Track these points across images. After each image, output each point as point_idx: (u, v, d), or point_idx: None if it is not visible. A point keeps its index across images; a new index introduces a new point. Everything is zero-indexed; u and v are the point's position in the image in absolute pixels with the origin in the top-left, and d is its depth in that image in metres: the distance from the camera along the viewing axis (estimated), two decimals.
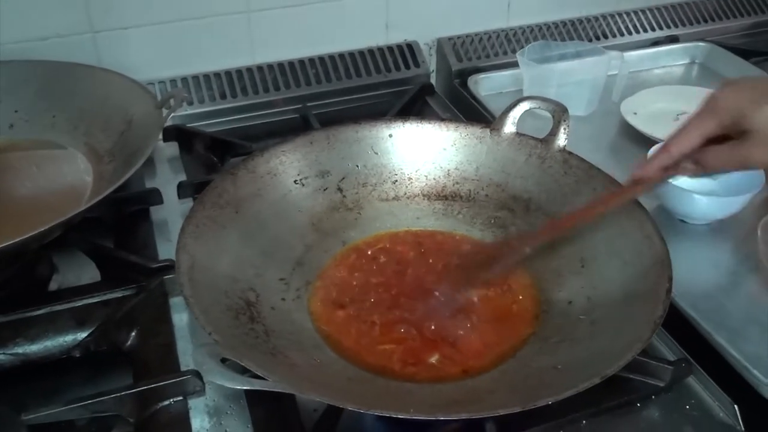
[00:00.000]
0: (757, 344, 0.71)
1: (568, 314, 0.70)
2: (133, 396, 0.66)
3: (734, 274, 0.82)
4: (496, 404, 0.54)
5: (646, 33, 1.32)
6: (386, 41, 1.20)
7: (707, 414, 0.68)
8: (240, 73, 1.12)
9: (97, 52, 1.04)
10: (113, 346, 0.73)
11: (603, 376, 0.55)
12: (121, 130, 0.91)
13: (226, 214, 0.73)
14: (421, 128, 0.86)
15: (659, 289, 0.64)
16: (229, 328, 0.62)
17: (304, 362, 0.64)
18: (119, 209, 0.91)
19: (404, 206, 0.85)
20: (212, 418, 0.67)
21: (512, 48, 1.23)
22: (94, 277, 0.84)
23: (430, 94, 1.18)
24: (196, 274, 0.64)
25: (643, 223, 0.70)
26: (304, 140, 0.83)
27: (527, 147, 0.82)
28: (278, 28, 1.13)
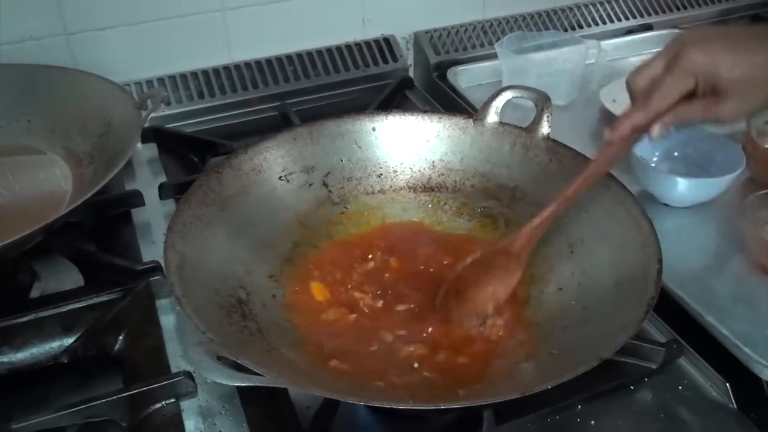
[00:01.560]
0: (745, 322, 0.72)
1: (559, 300, 0.70)
2: (125, 400, 0.65)
3: (720, 255, 0.83)
4: (495, 392, 0.54)
5: (620, 22, 1.33)
6: (363, 36, 1.20)
7: (700, 394, 0.69)
8: (217, 72, 1.11)
9: (72, 55, 1.02)
10: (101, 351, 0.73)
11: (601, 359, 0.55)
12: (99, 132, 0.90)
13: (212, 213, 0.72)
14: (405, 121, 0.85)
15: (649, 270, 0.64)
16: (222, 326, 0.61)
17: (299, 358, 0.63)
18: (100, 213, 0.90)
19: (390, 199, 0.84)
20: (206, 419, 0.66)
21: (489, 40, 1.24)
22: (76, 282, 0.82)
23: (410, 87, 1.18)
24: (185, 273, 0.63)
25: (630, 206, 0.71)
26: (288, 136, 0.82)
27: (511, 136, 0.83)
28: (254, 25, 1.12)
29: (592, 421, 0.66)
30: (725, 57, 0.60)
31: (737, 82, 0.59)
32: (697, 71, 0.60)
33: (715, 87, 0.60)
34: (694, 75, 0.61)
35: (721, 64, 0.59)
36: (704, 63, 0.60)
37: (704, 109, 0.62)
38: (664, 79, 0.62)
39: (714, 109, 0.61)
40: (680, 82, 0.62)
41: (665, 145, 0.93)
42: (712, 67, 0.60)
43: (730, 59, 0.59)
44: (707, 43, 0.61)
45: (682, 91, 0.62)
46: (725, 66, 0.59)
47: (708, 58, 0.60)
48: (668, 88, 0.62)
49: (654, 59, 0.64)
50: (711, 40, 0.61)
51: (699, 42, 0.61)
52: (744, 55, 0.60)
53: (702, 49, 0.60)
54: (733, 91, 0.60)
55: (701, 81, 0.61)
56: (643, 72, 0.65)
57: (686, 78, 0.61)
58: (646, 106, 0.64)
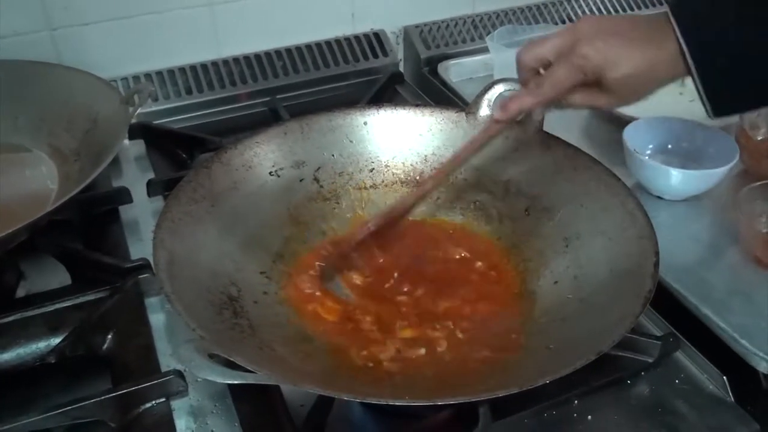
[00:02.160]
0: (742, 314, 0.71)
1: (555, 294, 0.70)
2: (115, 400, 0.64)
3: (715, 247, 0.83)
4: (493, 387, 0.53)
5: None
6: (353, 31, 1.19)
7: (697, 387, 0.68)
8: (205, 68, 1.10)
9: (57, 50, 1.01)
10: (89, 351, 0.71)
11: (598, 353, 0.54)
12: (85, 128, 0.89)
13: (202, 209, 0.71)
14: (396, 114, 0.84)
15: (646, 263, 0.64)
16: (213, 323, 0.60)
17: (292, 355, 0.62)
18: (87, 210, 0.88)
19: (382, 194, 0.83)
20: (197, 418, 0.65)
21: (479, 34, 1.23)
22: (63, 281, 0.81)
23: (400, 82, 1.17)
24: (175, 270, 0.62)
25: (626, 199, 0.70)
26: (278, 131, 0.81)
27: (504, 129, 0.81)
28: (243, 20, 1.11)
29: (588, 416, 0.65)
30: (613, 56, 0.63)
31: (620, 81, 0.63)
32: (587, 67, 0.64)
33: (600, 80, 0.64)
34: (583, 70, 0.64)
35: (608, 63, 0.63)
36: (594, 59, 0.63)
37: (587, 98, 0.67)
38: (555, 70, 0.66)
39: (594, 99, 0.67)
40: (572, 75, 0.65)
41: (659, 138, 0.92)
42: (600, 65, 0.63)
43: (617, 58, 0.63)
44: (599, 40, 0.63)
45: (572, 83, 0.66)
46: (611, 65, 0.63)
47: (598, 56, 0.63)
48: (560, 78, 0.66)
49: (546, 41, 0.67)
50: (603, 36, 0.64)
51: (592, 38, 0.64)
52: (630, 55, 0.62)
53: (594, 46, 0.63)
54: (615, 88, 0.64)
55: (589, 75, 0.64)
56: (535, 50, 0.68)
57: (577, 71, 0.65)
58: (536, 92, 0.68)
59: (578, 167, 0.76)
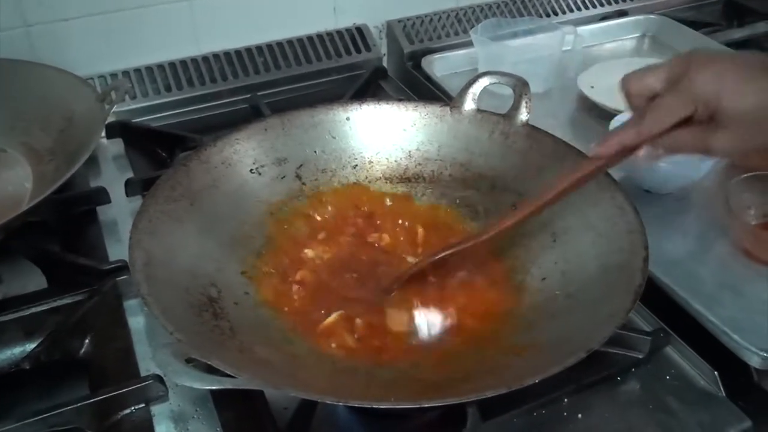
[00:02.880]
0: (732, 308, 0.71)
1: (543, 290, 0.68)
2: (93, 406, 0.62)
3: (703, 241, 0.82)
4: (481, 387, 0.52)
5: (595, 8, 1.31)
6: (335, 26, 1.17)
7: (688, 383, 0.68)
8: (185, 64, 1.08)
9: (31, 47, 0.98)
10: (67, 355, 0.69)
11: (589, 350, 0.53)
12: (61, 127, 0.87)
13: (180, 208, 0.69)
14: (379, 109, 0.83)
15: (635, 258, 0.62)
16: (192, 326, 0.58)
17: (274, 357, 0.61)
18: (64, 211, 0.86)
19: (366, 191, 0.82)
20: (178, 424, 0.64)
21: (463, 28, 1.22)
22: (40, 284, 0.79)
23: (384, 77, 1.16)
24: (152, 272, 0.60)
25: (614, 193, 0.69)
26: (258, 127, 0.79)
27: (489, 123, 0.80)
28: (222, 15, 1.09)
29: (579, 414, 0.64)
30: (732, 85, 0.54)
31: (738, 114, 0.54)
32: (698, 96, 0.55)
33: (715, 116, 0.55)
34: (694, 100, 0.55)
35: (725, 92, 0.54)
36: (708, 88, 0.54)
37: (697, 138, 0.57)
38: (662, 100, 0.57)
39: (707, 139, 0.56)
40: (679, 107, 0.56)
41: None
42: (716, 94, 0.54)
43: (737, 88, 0.54)
44: (715, 66, 0.55)
45: (680, 116, 0.56)
46: (730, 95, 0.54)
47: (713, 84, 0.54)
48: (665, 111, 0.57)
49: (656, 69, 0.59)
50: (719, 63, 0.55)
51: (706, 64, 0.55)
52: (754, 86, 0.54)
53: (709, 71, 0.55)
54: (732, 124, 0.54)
55: (701, 108, 0.55)
56: (642, 79, 0.59)
57: (686, 102, 0.56)
58: (638, 125, 0.59)
59: (565, 161, 0.74)
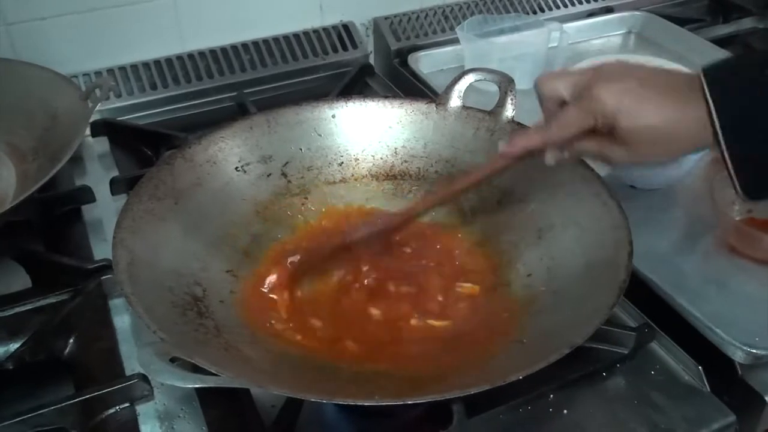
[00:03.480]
0: (716, 304, 0.71)
1: (528, 287, 0.69)
2: (77, 406, 0.62)
3: (688, 237, 0.82)
4: (465, 384, 0.52)
5: (581, 5, 1.31)
6: (321, 23, 1.17)
7: (672, 378, 0.68)
8: (170, 62, 1.07)
9: (12, 46, 0.97)
10: (51, 355, 0.69)
11: (572, 346, 0.53)
12: (44, 125, 0.86)
13: (164, 206, 0.69)
14: (365, 107, 0.83)
15: (620, 253, 0.63)
16: (176, 325, 0.58)
17: (259, 356, 0.61)
18: (48, 210, 0.86)
19: (352, 188, 0.82)
20: (163, 423, 0.63)
21: (450, 25, 1.21)
22: (24, 284, 0.78)
23: (370, 75, 1.15)
24: (136, 271, 0.60)
25: (599, 189, 0.69)
26: (243, 125, 0.79)
27: (475, 120, 0.81)
28: (208, 13, 1.08)
29: (564, 410, 0.64)
30: (629, 104, 0.57)
31: (633, 133, 0.57)
32: (600, 112, 0.58)
33: (613, 131, 0.58)
34: (595, 114, 0.58)
35: (622, 111, 0.57)
36: (608, 105, 0.57)
37: (597, 147, 0.61)
38: (567, 110, 0.61)
39: (605, 150, 0.60)
40: (580, 119, 0.59)
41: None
42: (615, 112, 0.57)
43: (634, 108, 0.57)
44: (617, 84, 0.58)
45: (580, 128, 0.60)
46: (627, 114, 0.57)
47: (613, 101, 0.57)
48: (568, 120, 0.60)
49: (566, 76, 0.62)
50: (623, 82, 0.58)
51: (610, 80, 0.58)
52: (649, 107, 0.57)
53: (611, 90, 0.57)
54: (628, 140, 0.58)
55: (600, 121, 0.58)
56: (552, 83, 0.63)
57: (587, 115, 0.59)
58: (543, 131, 0.62)
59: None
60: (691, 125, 0.55)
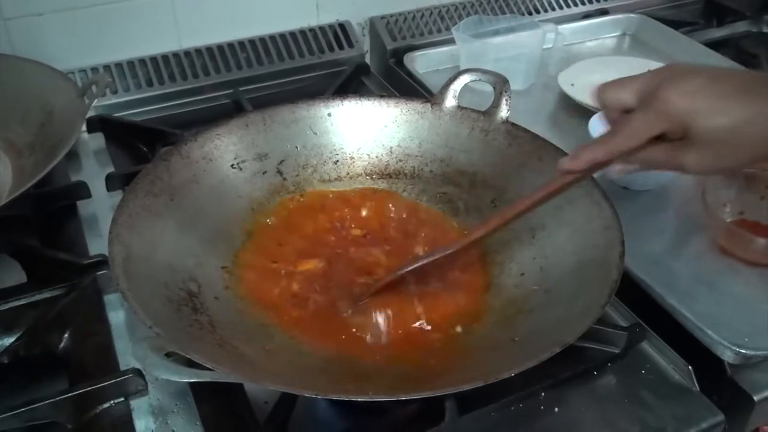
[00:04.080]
0: (706, 304, 0.72)
1: (521, 286, 0.69)
2: (71, 400, 0.62)
3: (679, 238, 0.83)
4: (458, 380, 0.52)
5: (576, 7, 1.32)
6: (318, 22, 1.17)
7: (663, 377, 0.69)
8: (167, 59, 1.07)
9: (9, 42, 0.97)
10: (45, 350, 0.69)
11: (563, 345, 0.54)
12: (40, 121, 0.86)
13: (160, 203, 0.69)
14: (361, 106, 0.83)
15: (612, 253, 0.63)
16: (171, 320, 0.58)
17: (254, 352, 0.61)
18: (44, 206, 0.86)
19: (347, 187, 0.82)
20: (157, 418, 0.64)
21: (446, 25, 1.22)
22: (19, 280, 0.78)
23: (366, 74, 1.16)
24: (131, 266, 0.60)
25: (591, 190, 0.70)
26: (240, 123, 0.79)
27: (470, 120, 0.81)
28: (204, 10, 1.08)
29: (556, 408, 0.65)
30: (705, 104, 0.52)
31: (712, 134, 0.52)
32: (671, 115, 0.53)
33: (688, 134, 0.53)
34: (667, 119, 0.54)
35: (699, 111, 0.52)
36: (681, 107, 0.53)
37: (669, 155, 0.55)
38: (633, 117, 0.56)
39: (679, 157, 0.55)
40: (649, 126, 0.55)
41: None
42: (689, 113, 0.52)
43: (711, 107, 0.52)
44: (688, 84, 0.53)
45: (649, 135, 0.55)
46: (703, 114, 0.52)
47: (686, 102, 0.52)
48: (636, 128, 0.55)
49: (630, 82, 0.57)
50: (694, 80, 0.53)
51: (680, 81, 0.53)
52: (727, 104, 0.52)
53: (682, 90, 0.53)
54: (705, 143, 0.53)
55: (673, 126, 0.54)
56: (616, 92, 0.58)
57: (657, 121, 0.54)
58: (609, 142, 0.57)
59: (544, 158, 0.76)
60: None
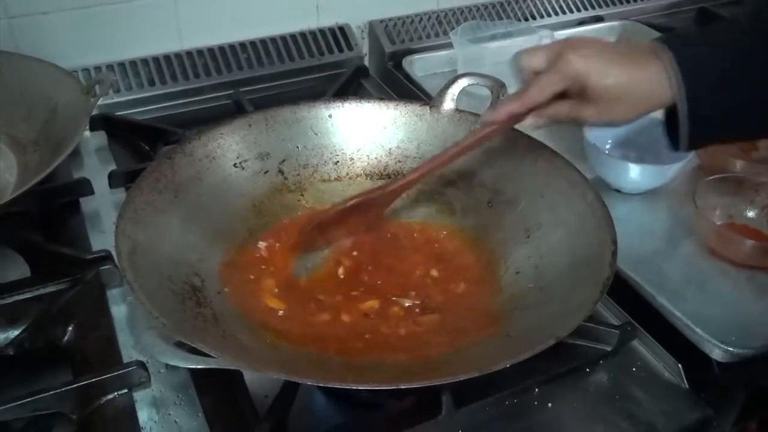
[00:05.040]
0: (696, 303, 0.73)
1: (517, 284, 0.71)
2: (75, 391, 0.63)
3: (670, 239, 0.85)
4: (453, 371, 0.54)
5: (572, 13, 1.34)
6: (318, 24, 1.19)
7: (653, 374, 0.70)
8: (168, 59, 1.09)
9: (14, 40, 0.99)
10: (50, 342, 0.70)
11: (558, 338, 0.55)
12: (45, 118, 0.87)
13: (164, 199, 0.70)
14: (361, 107, 0.85)
15: (604, 252, 0.65)
16: (176, 312, 0.60)
17: (256, 344, 0.62)
18: (47, 202, 0.87)
19: (347, 187, 0.84)
20: (160, 409, 0.65)
21: (443, 30, 1.24)
22: (23, 273, 0.79)
23: (365, 76, 1.18)
24: (137, 259, 0.62)
25: (585, 191, 0.72)
26: (242, 122, 0.81)
27: (467, 123, 0.83)
28: (206, 11, 1.10)
29: (549, 404, 0.67)
30: (598, 66, 0.63)
31: (602, 91, 0.63)
32: (571, 74, 0.64)
33: (584, 91, 0.64)
34: (567, 77, 0.65)
35: (592, 72, 0.63)
36: (579, 67, 0.64)
37: (572, 109, 0.67)
38: (542, 76, 0.67)
39: (578, 111, 0.66)
40: (554, 82, 0.65)
41: (618, 133, 0.94)
42: (585, 73, 0.63)
43: (602, 69, 0.63)
44: (586, 50, 0.64)
45: (555, 90, 0.66)
46: (595, 74, 0.63)
47: (583, 64, 0.64)
48: (543, 84, 0.66)
49: (540, 49, 0.68)
50: (590, 48, 0.65)
51: (579, 48, 0.65)
52: (615, 68, 0.63)
53: (579, 54, 0.64)
54: (597, 99, 0.64)
55: (573, 84, 0.65)
56: (529, 57, 0.68)
57: (560, 78, 0.65)
58: (523, 97, 0.68)
59: (540, 160, 0.77)
60: (654, 83, 0.62)
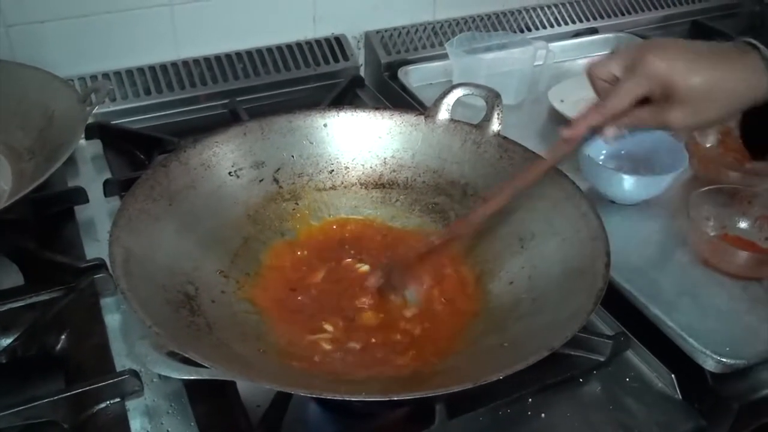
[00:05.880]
0: (689, 314, 0.73)
1: (510, 294, 0.71)
2: (68, 399, 0.63)
3: (664, 250, 0.85)
4: (449, 382, 0.54)
5: (567, 25, 1.35)
6: (314, 35, 1.19)
7: (646, 385, 0.70)
8: (165, 68, 1.09)
9: (11, 48, 0.99)
10: (43, 351, 0.70)
11: (551, 349, 0.55)
12: (40, 126, 0.87)
13: (159, 207, 0.70)
14: (356, 117, 0.85)
15: (598, 263, 0.65)
16: (169, 321, 0.60)
17: (249, 353, 0.62)
18: (42, 210, 0.87)
19: (342, 195, 0.84)
20: (152, 419, 0.65)
21: (439, 41, 1.24)
22: (16, 281, 0.79)
23: (361, 86, 1.18)
24: (131, 268, 0.62)
25: (579, 201, 0.72)
26: (238, 131, 0.81)
27: (462, 133, 0.83)
28: (203, 21, 1.10)
29: (542, 414, 0.67)
30: (683, 65, 0.60)
31: (690, 91, 0.60)
32: (653, 77, 0.61)
33: (669, 94, 0.61)
34: (649, 80, 0.61)
35: (677, 72, 0.60)
36: (661, 69, 0.60)
37: (655, 114, 0.63)
38: (621, 82, 0.63)
39: (664, 115, 0.62)
40: (636, 87, 0.62)
41: (613, 144, 0.94)
42: (669, 74, 0.60)
43: (687, 68, 0.60)
44: (667, 51, 0.61)
45: (637, 95, 0.62)
46: (681, 74, 0.60)
47: (665, 65, 0.60)
48: (624, 91, 0.63)
49: (615, 56, 0.65)
50: (671, 48, 0.62)
51: (659, 49, 0.62)
52: (702, 65, 0.60)
53: (661, 55, 0.61)
54: (685, 100, 0.61)
55: (656, 87, 0.61)
56: (604, 65, 0.65)
57: (642, 83, 0.62)
58: (601, 107, 0.64)
59: None
60: (749, 77, 0.59)
